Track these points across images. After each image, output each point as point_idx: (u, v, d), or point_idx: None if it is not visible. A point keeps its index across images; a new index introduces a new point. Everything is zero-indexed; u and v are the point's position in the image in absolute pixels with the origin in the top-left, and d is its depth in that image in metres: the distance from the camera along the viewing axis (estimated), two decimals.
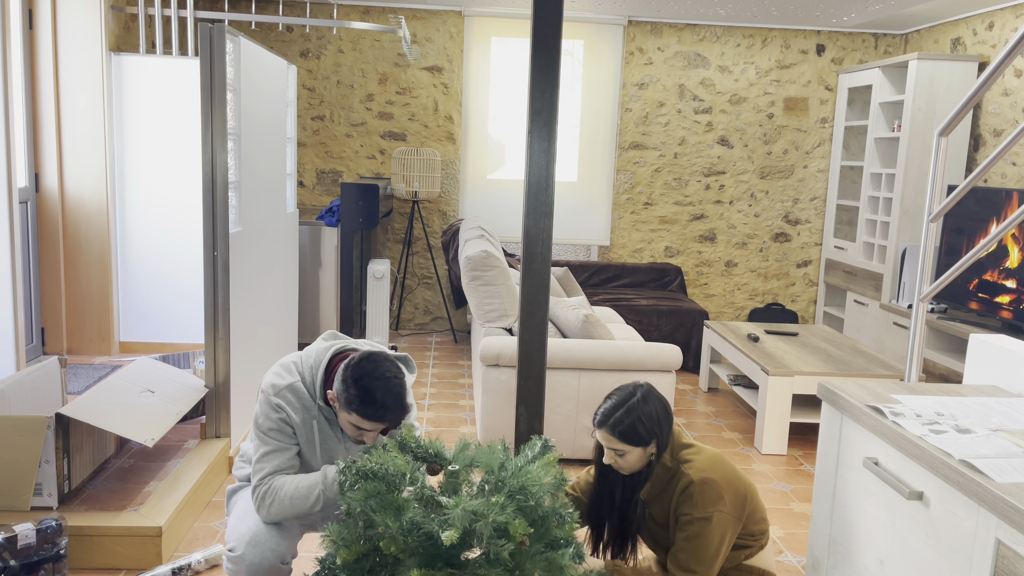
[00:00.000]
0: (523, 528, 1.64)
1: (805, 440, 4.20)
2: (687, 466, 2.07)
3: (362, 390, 1.92)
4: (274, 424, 2.03)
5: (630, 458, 2.08)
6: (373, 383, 1.92)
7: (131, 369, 3.21)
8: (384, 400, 1.92)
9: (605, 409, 2.09)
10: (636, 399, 2.07)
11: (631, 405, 2.06)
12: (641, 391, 2.09)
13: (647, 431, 2.05)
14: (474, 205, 6.24)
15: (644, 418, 2.05)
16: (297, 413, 2.04)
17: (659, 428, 2.07)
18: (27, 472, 2.61)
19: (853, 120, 6.04)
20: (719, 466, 2.08)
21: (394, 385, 1.94)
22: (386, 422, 1.96)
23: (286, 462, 2.04)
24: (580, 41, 6.08)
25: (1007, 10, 4.98)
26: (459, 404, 4.51)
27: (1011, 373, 2.05)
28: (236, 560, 2.00)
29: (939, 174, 2.36)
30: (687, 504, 2.03)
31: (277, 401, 2.02)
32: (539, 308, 2.51)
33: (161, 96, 4.76)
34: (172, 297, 4.93)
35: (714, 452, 2.14)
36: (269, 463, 2.02)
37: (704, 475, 2.04)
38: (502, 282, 3.87)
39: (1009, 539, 1.39)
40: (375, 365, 1.96)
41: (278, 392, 2.03)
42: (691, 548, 2.01)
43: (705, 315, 5.48)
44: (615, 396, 2.10)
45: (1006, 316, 4.40)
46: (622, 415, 2.05)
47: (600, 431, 2.09)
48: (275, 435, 2.03)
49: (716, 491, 2.03)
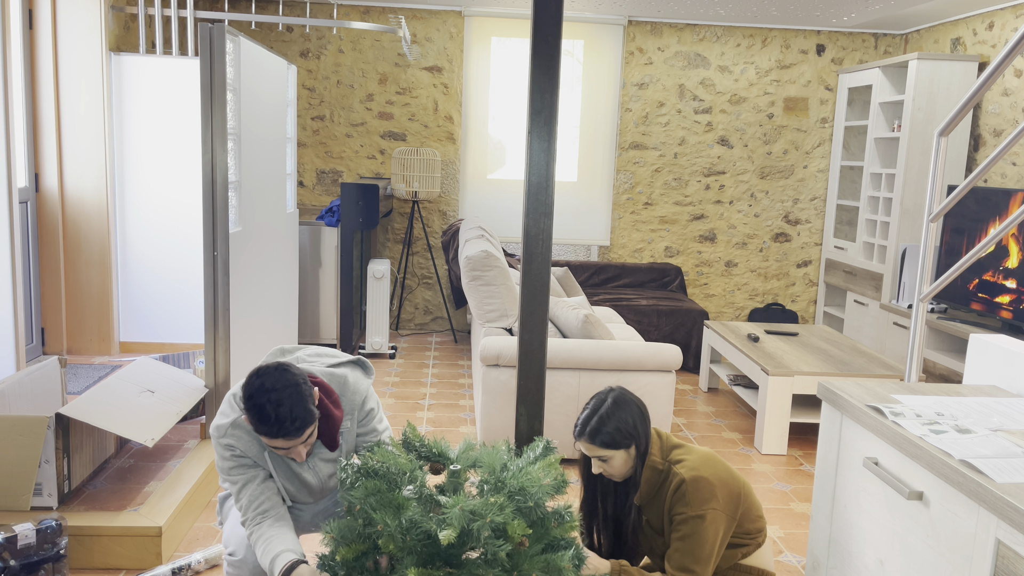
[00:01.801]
0: (522, 529, 1.64)
1: (805, 440, 4.20)
2: (679, 466, 2.09)
3: (252, 410, 1.83)
4: (231, 462, 1.99)
5: (615, 463, 2.10)
6: (261, 398, 1.82)
7: (131, 369, 3.21)
8: (277, 414, 1.81)
9: (581, 420, 2.13)
10: (607, 404, 2.11)
11: (604, 411, 2.10)
12: (612, 395, 2.13)
13: (624, 433, 2.08)
14: (474, 205, 6.24)
15: (619, 421, 2.08)
16: (249, 446, 1.99)
17: (635, 429, 2.10)
18: (27, 472, 2.61)
19: (853, 120, 6.04)
20: (711, 464, 2.09)
21: (284, 399, 1.82)
22: (287, 436, 1.84)
23: (257, 489, 1.99)
24: (580, 41, 6.08)
25: (1007, 10, 4.98)
26: (459, 404, 4.51)
27: (1011, 373, 2.05)
28: (238, 564, 1.99)
29: (939, 174, 2.36)
30: (680, 503, 2.04)
31: (225, 441, 1.98)
32: (539, 308, 2.51)
33: (161, 96, 4.76)
34: (172, 297, 4.93)
35: (705, 451, 2.15)
36: (244, 498, 1.99)
37: (696, 473, 2.05)
38: (502, 282, 3.87)
39: (1009, 539, 1.39)
40: (263, 379, 1.85)
41: (223, 433, 1.98)
42: (686, 547, 2.02)
43: (705, 315, 5.48)
44: (589, 405, 2.15)
45: (1006, 316, 4.40)
46: (596, 423, 2.09)
47: (580, 442, 2.12)
48: (237, 471, 1.99)
49: (708, 488, 2.03)
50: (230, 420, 1.99)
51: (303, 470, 2.06)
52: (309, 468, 2.06)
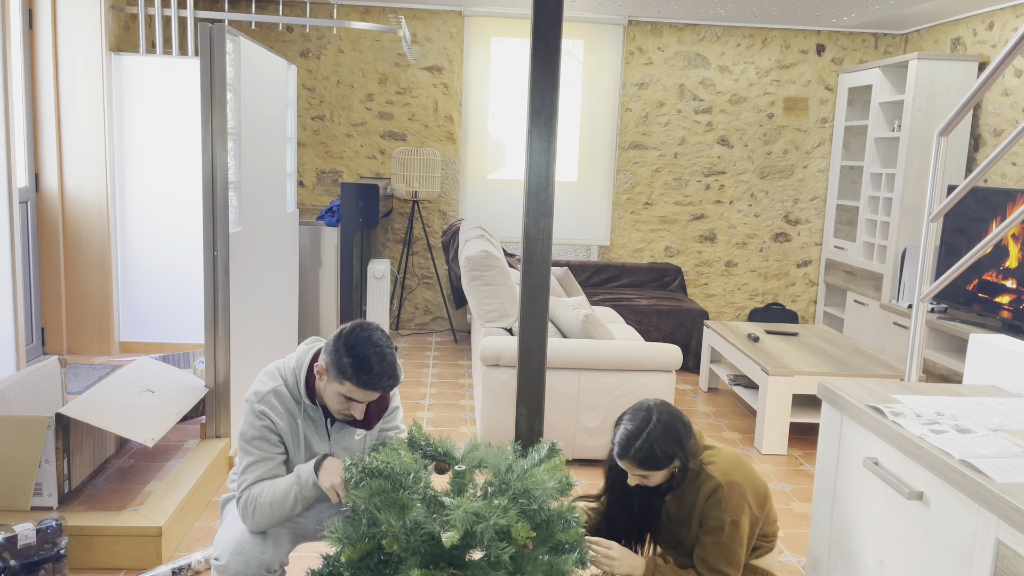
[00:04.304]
0: (525, 531, 1.64)
1: (805, 440, 4.20)
2: (711, 467, 2.06)
3: (357, 357, 1.87)
4: (258, 432, 1.99)
5: (655, 478, 2.06)
6: (368, 350, 1.88)
7: (131, 369, 3.21)
8: (381, 368, 1.88)
9: (623, 439, 2.02)
10: (652, 425, 2.01)
11: (649, 433, 2.00)
12: (656, 414, 2.03)
13: (669, 455, 2.01)
14: (474, 205, 6.24)
15: (664, 444, 2.00)
16: (282, 418, 2.00)
17: (681, 448, 2.03)
18: (27, 472, 2.61)
19: (853, 120, 6.04)
20: (741, 467, 2.08)
21: (388, 353, 1.90)
22: (379, 391, 1.91)
23: (270, 472, 1.99)
24: (580, 41, 6.08)
25: (1007, 10, 4.98)
26: (459, 404, 4.51)
27: (1011, 373, 2.05)
28: (221, 569, 1.99)
29: (939, 174, 2.36)
30: (716, 508, 2.01)
31: (260, 408, 1.98)
32: (539, 308, 2.51)
33: (161, 96, 4.76)
34: (172, 297, 4.93)
35: (733, 452, 2.13)
36: (252, 474, 1.98)
37: (730, 478, 2.03)
38: (502, 282, 3.87)
39: (1009, 539, 1.39)
40: (369, 332, 1.91)
41: (261, 399, 1.99)
42: (721, 551, 2.01)
43: (705, 315, 5.48)
44: (631, 422, 2.04)
45: (1006, 316, 4.40)
46: (641, 445, 1.99)
47: (623, 461, 2.04)
48: (259, 444, 1.99)
49: (742, 493, 2.03)
50: (270, 388, 2.00)
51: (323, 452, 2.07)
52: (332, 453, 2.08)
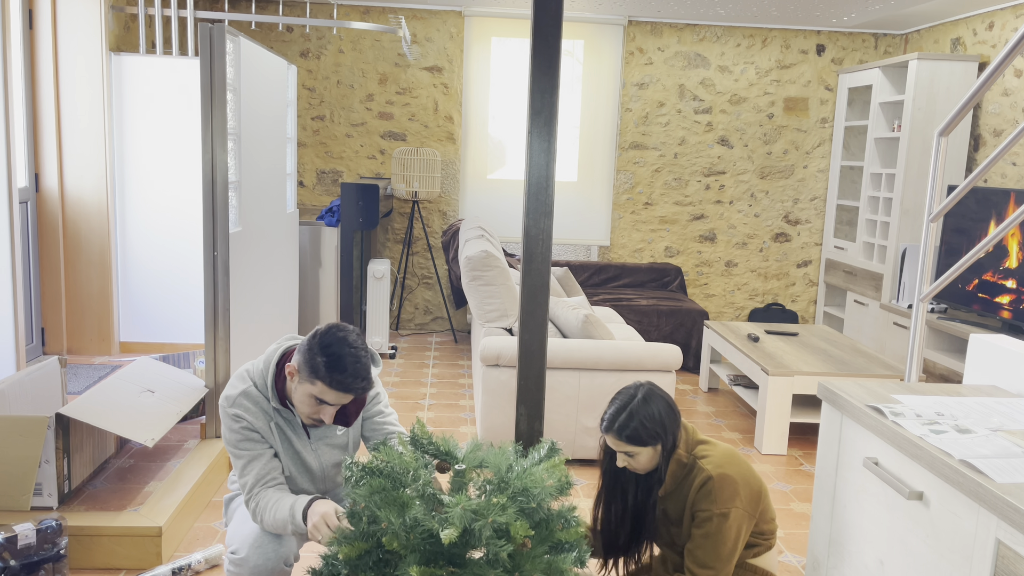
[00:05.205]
0: (524, 530, 1.64)
1: (805, 440, 4.20)
2: (704, 461, 2.08)
3: (331, 357, 1.86)
4: (239, 435, 1.99)
5: (641, 459, 2.08)
6: (343, 350, 1.87)
7: (131, 369, 3.21)
8: (355, 369, 1.86)
9: (610, 413, 2.10)
10: (637, 400, 2.08)
11: (633, 407, 2.06)
12: (642, 391, 2.10)
13: (653, 431, 2.06)
14: (474, 205, 6.24)
15: (647, 419, 2.05)
16: (257, 418, 2.00)
17: (663, 427, 2.07)
18: (27, 472, 2.61)
19: (853, 120, 6.04)
20: (735, 462, 2.09)
21: (362, 356, 1.90)
22: (351, 393, 1.90)
23: (266, 467, 2.00)
24: (580, 41, 6.08)
25: (1007, 10, 4.98)
26: (459, 404, 4.51)
27: (1011, 373, 2.05)
28: (239, 562, 1.99)
29: (939, 174, 2.36)
30: (706, 500, 2.04)
31: (233, 411, 1.98)
32: (539, 308, 2.51)
33: (161, 96, 4.76)
34: (172, 297, 4.93)
35: (728, 448, 2.15)
36: (250, 474, 1.99)
37: (722, 471, 2.05)
38: (502, 282, 3.87)
39: (1009, 539, 1.39)
40: (345, 333, 1.90)
41: (232, 402, 1.99)
42: (709, 544, 2.02)
43: (705, 315, 5.48)
44: (618, 399, 2.11)
45: (1006, 316, 4.40)
46: (626, 418, 2.05)
47: (608, 436, 2.10)
48: (245, 445, 1.99)
49: (733, 487, 2.04)
50: (239, 391, 2.00)
51: (306, 452, 2.07)
52: (312, 451, 2.08)
